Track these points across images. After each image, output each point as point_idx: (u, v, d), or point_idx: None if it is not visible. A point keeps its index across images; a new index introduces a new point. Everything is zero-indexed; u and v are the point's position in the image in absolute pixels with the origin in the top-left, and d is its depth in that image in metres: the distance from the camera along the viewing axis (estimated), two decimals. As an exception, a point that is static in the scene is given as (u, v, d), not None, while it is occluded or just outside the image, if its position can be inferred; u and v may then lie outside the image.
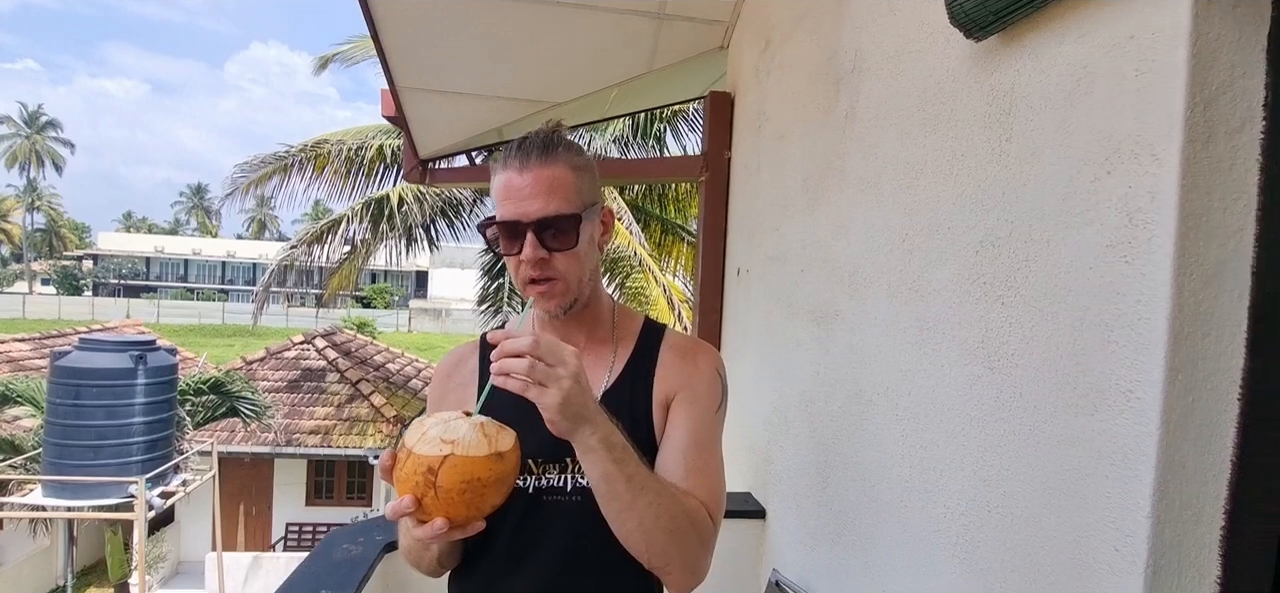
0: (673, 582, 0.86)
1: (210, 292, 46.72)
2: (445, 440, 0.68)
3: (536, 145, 0.88)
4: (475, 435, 0.69)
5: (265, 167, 8.76)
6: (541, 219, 0.85)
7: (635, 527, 0.79)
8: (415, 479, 0.68)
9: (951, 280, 1.05)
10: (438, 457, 0.68)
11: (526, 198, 0.85)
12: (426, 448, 0.68)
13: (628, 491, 0.78)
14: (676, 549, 0.81)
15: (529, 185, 0.85)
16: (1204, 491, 0.70)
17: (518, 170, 0.86)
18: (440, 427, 0.70)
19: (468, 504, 0.69)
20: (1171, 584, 0.70)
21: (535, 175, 0.86)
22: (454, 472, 0.67)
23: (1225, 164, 0.67)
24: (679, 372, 0.93)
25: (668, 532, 0.80)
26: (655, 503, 0.79)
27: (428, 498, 0.68)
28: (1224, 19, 0.66)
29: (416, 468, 0.68)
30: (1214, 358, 0.69)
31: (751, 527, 2.00)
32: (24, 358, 10.91)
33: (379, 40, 2.53)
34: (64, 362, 5.92)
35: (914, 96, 1.17)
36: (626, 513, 0.79)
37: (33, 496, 6.06)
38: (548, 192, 0.86)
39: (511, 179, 0.86)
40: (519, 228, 0.85)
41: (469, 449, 0.68)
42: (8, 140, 51.38)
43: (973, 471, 0.99)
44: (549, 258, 0.86)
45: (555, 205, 0.85)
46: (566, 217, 0.86)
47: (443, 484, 0.67)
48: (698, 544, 0.84)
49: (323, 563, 1.41)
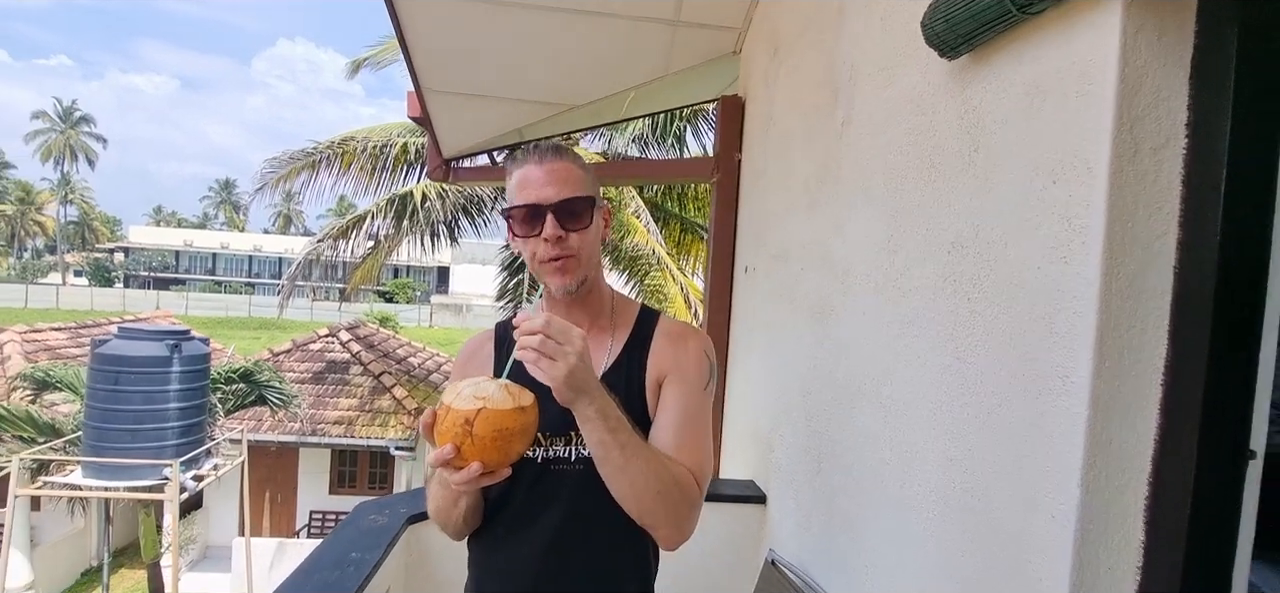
0: (661, 537, 0.99)
1: (237, 285, 47.78)
2: (478, 397, 0.82)
3: (550, 148, 1.04)
4: (502, 393, 0.83)
5: (294, 163, 9.03)
6: (560, 201, 0.98)
7: (627, 487, 0.92)
8: (455, 430, 0.81)
9: (928, 279, 1.15)
10: (473, 410, 0.81)
11: (545, 184, 0.99)
12: (462, 404, 0.82)
13: (620, 456, 0.90)
14: (663, 509, 0.94)
15: (547, 175, 0.99)
16: (1130, 465, 0.79)
17: (537, 164, 1.01)
18: (472, 387, 0.84)
19: (498, 450, 0.82)
20: (1098, 547, 0.80)
21: (551, 168, 1.00)
22: (486, 422, 0.81)
23: (1150, 176, 0.76)
24: (670, 354, 1.05)
25: (655, 493, 0.92)
26: (645, 468, 0.91)
27: (465, 445, 0.81)
28: (1150, 48, 0.75)
29: (455, 421, 0.81)
30: (1139, 348, 0.78)
31: (753, 512, 2.10)
32: (61, 346, 11.36)
33: (406, 47, 2.67)
34: (104, 349, 6.21)
35: (900, 107, 1.27)
36: (619, 475, 0.91)
37: (72, 477, 6.36)
38: (563, 180, 1.00)
39: (531, 171, 1.00)
40: (540, 210, 0.98)
41: (498, 404, 0.82)
42: (43, 135, 53.03)
43: (942, 452, 1.09)
44: (566, 236, 0.99)
45: (571, 189, 1.00)
46: (582, 198, 1.00)
47: (477, 433, 0.81)
48: (683, 505, 0.96)
49: (352, 531, 1.54)
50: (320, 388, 10.25)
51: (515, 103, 3.33)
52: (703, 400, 1.04)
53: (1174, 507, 0.78)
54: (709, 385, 1.06)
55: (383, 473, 10.86)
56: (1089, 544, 0.80)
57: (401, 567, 1.63)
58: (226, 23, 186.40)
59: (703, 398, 1.04)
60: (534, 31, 2.65)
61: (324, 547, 1.49)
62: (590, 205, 1.01)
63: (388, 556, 1.46)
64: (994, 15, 0.86)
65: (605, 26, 2.60)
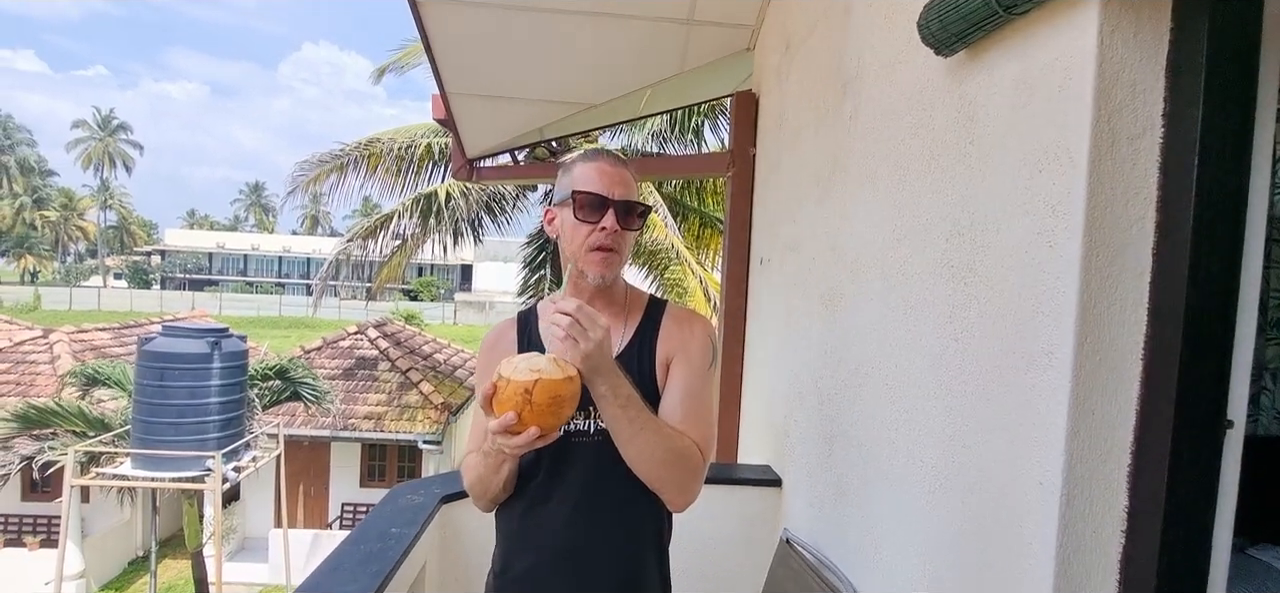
0: (669, 500, 1.11)
1: (267, 285, 49.01)
2: (532, 370, 0.92)
3: (611, 155, 1.16)
4: (553, 366, 0.93)
5: (323, 165, 9.28)
6: (626, 201, 1.11)
7: (637, 456, 1.05)
8: (515, 399, 0.91)
9: (929, 265, 1.20)
10: (531, 380, 0.91)
11: (614, 184, 1.11)
12: (520, 376, 0.92)
13: (629, 428, 1.03)
14: (669, 475, 1.07)
15: (617, 175, 1.12)
16: (1112, 434, 0.85)
17: (610, 164, 1.13)
18: (526, 361, 0.94)
19: (553, 414, 0.93)
20: (1084, 510, 0.85)
21: (620, 172, 1.13)
22: (544, 390, 0.91)
23: (1127, 165, 0.82)
24: (677, 337, 1.16)
25: (661, 462, 1.05)
26: (651, 440, 1.04)
27: (525, 412, 0.91)
28: (1126, 45, 0.81)
29: (515, 391, 0.91)
30: (1118, 325, 0.83)
31: (769, 494, 2.17)
32: (105, 345, 11.85)
33: (432, 52, 2.77)
34: (151, 346, 6.50)
35: (903, 102, 1.32)
36: (629, 445, 1.04)
37: (121, 468, 6.68)
38: (628, 186, 1.13)
39: (604, 167, 1.12)
40: (605, 203, 1.09)
41: (552, 374, 0.92)
42: (84, 143, 54.93)
43: (941, 428, 1.15)
44: (621, 232, 1.11)
45: (633, 195, 1.13)
46: (643, 206, 1.15)
47: (536, 400, 0.91)
48: (687, 474, 1.08)
49: (391, 509, 1.65)
50: (350, 384, 10.53)
51: (536, 103, 3.43)
52: (705, 379, 1.15)
53: (1155, 474, 0.83)
54: (712, 366, 1.17)
55: (411, 467, 11.12)
56: (1075, 510, 0.86)
57: (436, 541, 1.74)
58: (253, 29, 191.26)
59: (706, 377, 1.15)
60: (553, 34, 2.74)
61: (366, 523, 1.60)
62: (646, 214, 1.16)
63: (424, 530, 1.57)
64: (982, 15, 0.92)
65: (622, 27, 2.68)
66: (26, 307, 31.32)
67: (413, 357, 11.60)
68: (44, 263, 51.89)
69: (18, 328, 13.18)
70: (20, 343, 11.34)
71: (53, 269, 52.62)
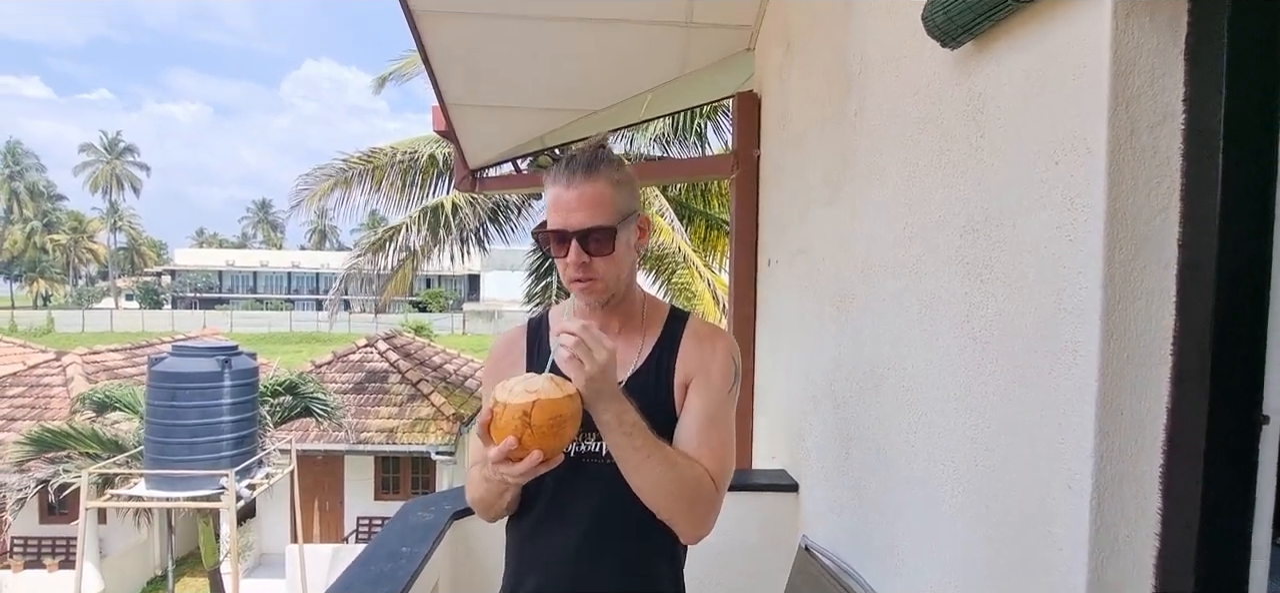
0: (680, 532, 1.06)
1: (277, 302, 49.35)
2: (530, 391, 0.88)
3: (581, 164, 1.02)
4: (551, 385, 0.90)
5: (327, 179, 9.32)
6: (583, 230, 1.00)
7: (643, 485, 1.00)
8: (513, 423, 0.87)
9: (943, 263, 1.17)
10: (529, 402, 0.87)
11: (571, 210, 1.01)
12: (517, 398, 0.88)
13: (634, 457, 0.98)
14: (678, 508, 1.01)
15: (574, 199, 1.01)
16: (1142, 434, 0.82)
17: (565, 186, 1.01)
18: (522, 383, 0.90)
19: (555, 436, 0.88)
20: (1115, 514, 0.82)
21: (579, 192, 1.01)
22: (543, 411, 0.87)
23: (1148, 153, 0.79)
24: (697, 357, 1.09)
25: (669, 494, 1.00)
26: (657, 470, 0.98)
27: (525, 436, 0.87)
28: (1143, 29, 0.78)
29: (513, 415, 0.87)
30: (1145, 319, 0.80)
31: (786, 500, 2.14)
32: (118, 367, 11.95)
33: (429, 63, 2.77)
34: (161, 367, 6.55)
35: (910, 97, 1.30)
36: (635, 475, 0.99)
37: (136, 489, 6.72)
38: (590, 205, 1.01)
39: (560, 194, 1.02)
40: (565, 235, 1.01)
41: (550, 394, 0.88)
42: (91, 166, 55.66)
43: (962, 429, 1.12)
44: (590, 262, 1.02)
45: (596, 218, 1.01)
46: (605, 228, 1.02)
47: (535, 422, 0.87)
48: (698, 506, 1.02)
49: (401, 527, 1.64)
50: (361, 398, 10.57)
51: (537, 111, 3.42)
52: (726, 402, 1.09)
53: (1188, 473, 0.80)
54: (733, 388, 1.10)
55: (425, 478, 11.14)
56: (1106, 512, 0.82)
57: (448, 558, 1.72)
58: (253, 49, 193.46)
59: (726, 400, 1.09)
60: (551, 41, 2.73)
61: (377, 542, 1.58)
62: (613, 234, 1.01)
63: (436, 548, 1.55)
64: (990, 4, 0.89)
65: (620, 32, 2.66)
66: (40, 330, 31.71)
67: (423, 368, 11.63)
68: (56, 286, 52.53)
69: (31, 351, 13.33)
70: (34, 366, 11.47)
71: (65, 292, 53.26)
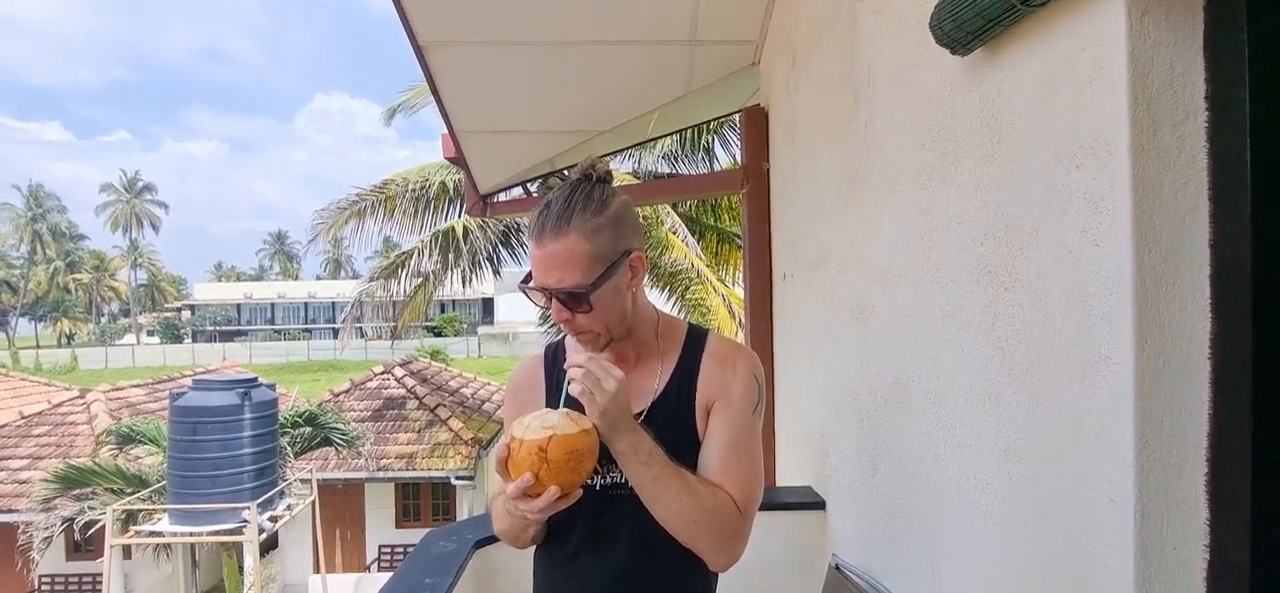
0: (707, 560, 1.03)
1: (295, 332, 49.94)
2: (546, 427, 0.88)
3: (552, 218, 0.96)
4: (566, 420, 0.89)
5: (342, 211, 9.46)
6: (557, 290, 0.96)
7: (664, 515, 0.98)
8: (530, 459, 0.87)
9: (964, 271, 1.15)
10: (545, 438, 0.87)
11: (545, 270, 0.96)
12: (533, 434, 0.88)
13: (652, 488, 0.96)
14: (701, 537, 0.99)
15: (545, 259, 0.96)
16: (1184, 442, 0.79)
17: (536, 244, 0.97)
18: (538, 419, 0.90)
19: (572, 471, 0.88)
20: (1161, 526, 0.79)
21: (549, 251, 0.95)
22: (559, 447, 0.87)
23: (1173, 153, 0.77)
24: (718, 379, 1.06)
25: (691, 523, 0.97)
26: (678, 499, 0.96)
27: (542, 472, 0.87)
28: (1159, 27, 0.76)
29: (529, 451, 0.87)
30: (1179, 325, 0.78)
31: (813, 518, 2.10)
32: (140, 402, 12.12)
33: (438, 93, 2.80)
34: (182, 401, 6.63)
35: (920, 106, 1.28)
36: (655, 504, 0.98)
37: (159, 524, 6.78)
38: (562, 265, 0.95)
39: (533, 251, 0.98)
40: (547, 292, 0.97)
41: (566, 429, 0.88)
42: (112, 206, 56.99)
43: (994, 442, 1.09)
44: (572, 318, 0.98)
45: (568, 279, 0.95)
46: (577, 290, 0.96)
47: (552, 458, 0.86)
48: (722, 535, 1.00)
49: (423, 558, 1.62)
50: (380, 424, 10.62)
51: (545, 135, 3.45)
52: (750, 425, 1.06)
53: (1236, 482, 0.77)
54: (757, 409, 1.07)
55: (445, 503, 11.13)
56: (1151, 526, 0.79)
57: (471, 588, 1.70)
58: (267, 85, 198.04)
59: (750, 422, 1.06)
60: (557, 65, 2.75)
61: (398, 575, 1.57)
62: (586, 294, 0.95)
63: (459, 579, 1.54)
64: (999, 10, 0.88)
65: (625, 53, 2.68)
66: (65, 368, 32.34)
67: (440, 393, 11.67)
68: (79, 325, 53.62)
69: (56, 390, 13.58)
70: (58, 405, 11.67)
71: (88, 330, 54.32)
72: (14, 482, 9.45)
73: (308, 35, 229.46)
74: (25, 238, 52.67)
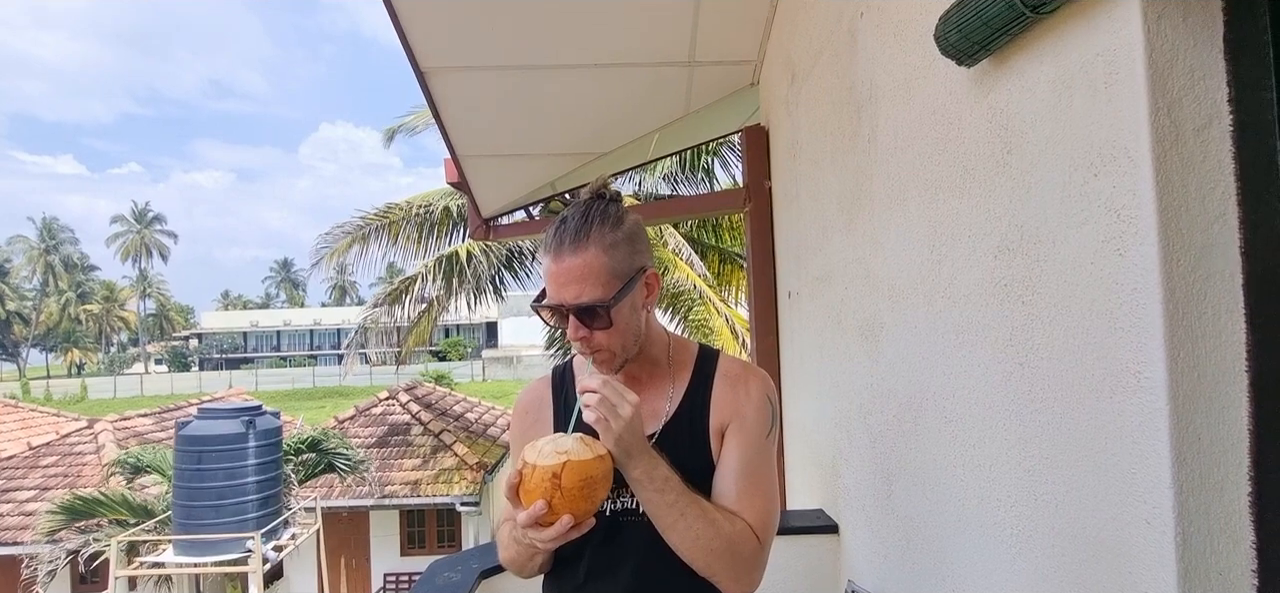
0: (723, 588, 0.99)
1: (300, 359, 50.02)
2: (559, 452, 0.84)
3: (570, 233, 0.95)
4: (580, 445, 0.86)
5: (345, 236, 9.50)
6: (576, 306, 0.94)
7: (679, 542, 0.94)
8: (543, 486, 0.83)
9: (977, 285, 1.12)
10: (558, 464, 0.83)
11: (562, 285, 0.94)
12: (546, 460, 0.84)
13: (667, 515, 0.92)
14: (719, 564, 0.95)
15: (564, 273, 0.94)
16: (1224, 459, 0.74)
17: (554, 259, 0.95)
18: (551, 444, 0.86)
19: (586, 498, 0.84)
20: (1204, 549, 0.74)
21: (568, 265, 0.93)
22: (573, 473, 0.83)
23: (1197, 158, 0.73)
24: (731, 401, 1.03)
25: (707, 551, 0.93)
26: (692, 526, 0.93)
27: (555, 499, 0.83)
28: (1176, 29, 0.74)
29: (542, 478, 0.83)
30: (1214, 335, 0.74)
31: (826, 542, 2.04)
32: (147, 431, 12.10)
33: (440, 118, 2.80)
34: (187, 431, 6.60)
35: (925, 119, 1.26)
36: (670, 532, 0.94)
37: (163, 555, 6.71)
38: (581, 279, 0.93)
39: (550, 267, 0.96)
40: (562, 309, 0.95)
41: (580, 455, 0.84)
42: (123, 237, 57.61)
43: (1016, 462, 1.04)
44: (590, 335, 0.95)
45: (588, 294, 0.93)
46: (597, 305, 0.94)
47: (566, 485, 0.83)
48: (740, 561, 0.96)
49: (428, 588, 1.58)
50: (385, 451, 10.55)
51: (546, 157, 3.44)
52: (765, 449, 1.03)
53: None
54: (772, 432, 1.04)
55: (450, 530, 11.01)
56: (1193, 549, 0.75)
57: (475, 624, 1.65)
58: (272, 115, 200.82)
59: (765, 446, 1.03)
60: (557, 89, 2.75)
61: (400, 610, 1.52)
62: (607, 309, 0.93)
63: (461, 614, 1.49)
64: (1006, 19, 0.86)
65: (625, 76, 2.68)
66: (74, 398, 32.44)
67: (445, 418, 11.61)
68: (89, 355, 53.85)
69: (65, 420, 13.59)
70: (67, 435, 11.65)
71: (97, 360, 54.54)
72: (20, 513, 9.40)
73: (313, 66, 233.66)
74: (38, 269, 53.22)
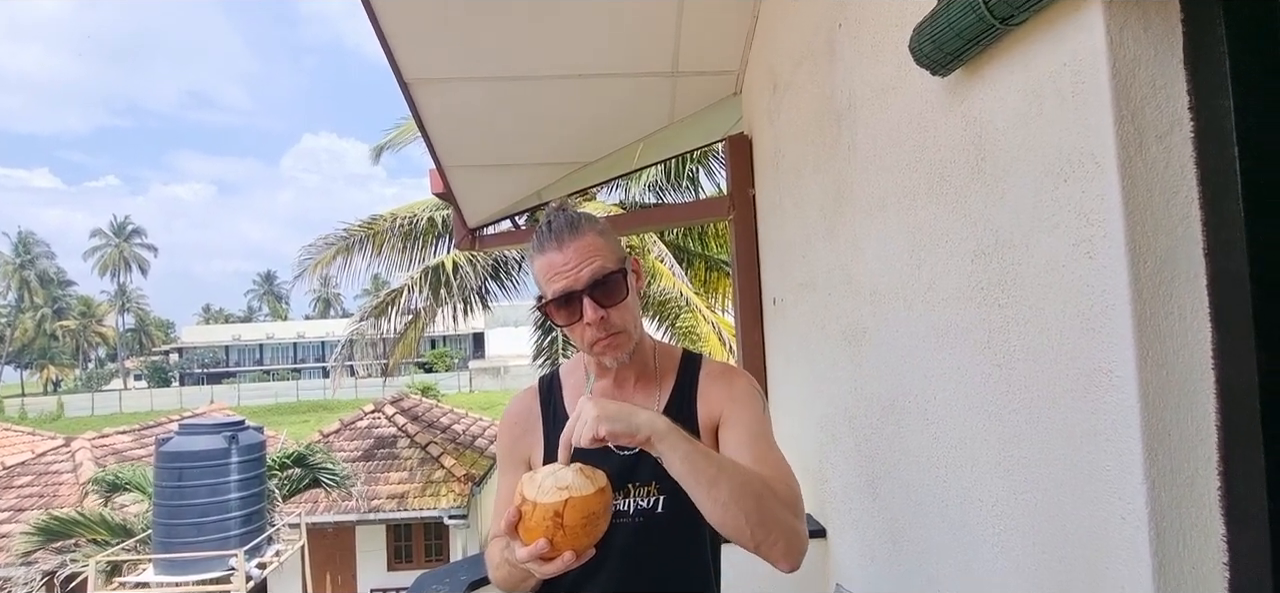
0: (779, 553, 0.88)
1: (284, 372, 49.33)
2: (560, 489, 0.81)
3: (565, 224, 0.99)
4: (581, 479, 0.83)
5: (329, 248, 9.40)
6: (593, 282, 0.96)
7: (728, 499, 0.83)
8: (545, 524, 0.80)
9: (955, 289, 1.14)
10: (561, 501, 0.80)
11: (574, 268, 0.96)
12: (547, 497, 0.81)
13: (709, 465, 0.84)
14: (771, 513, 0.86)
15: (572, 257, 0.96)
16: (1193, 455, 0.77)
17: (558, 249, 0.97)
18: (551, 479, 0.83)
19: (588, 535, 0.82)
20: (1177, 543, 0.77)
21: (574, 248, 0.97)
22: (576, 511, 0.80)
23: (1160, 163, 0.76)
24: (718, 393, 1.05)
25: (755, 495, 0.85)
26: (736, 472, 0.87)
27: (557, 537, 0.80)
28: (1138, 40, 0.76)
29: (544, 515, 0.81)
30: (1180, 334, 0.76)
31: (814, 546, 2.02)
32: (126, 449, 11.84)
33: (425, 130, 2.80)
34: (168, 447, 6.47)
35: (902, 127, 1.28)
36: (715, 488, 0.83)
37: (145, 575, 6.56)
38: (589, 255, 0.97)
39: (554, 258, 0.97)
40: (575, 296, 0.96)
41: (582, 490, 0.82)
42: (101, 250, 56.55)
43: (996, 462, 1.06)
44: (607, 315, 0.97)
45: (600, 265, 0.97)
46: (614, 272, 0.98)
47: (568, 523, 0.80)
48: (787, 509, 0.90)
49: (413, 605, 1.56)
50: (371, 464, 10.41)
51: (531, 167, 3.45)
52: (765, 420, 1.04)
53: (1251, 494, 0.75)
54: (765, 408, 1.07)
55: (438, 544, 10.88)
56: (1167, 543, 0.77)
57: (462, 637, 1.64)
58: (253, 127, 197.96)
59: (764, 419, 1.04)
60: (542, 99, 2.77)
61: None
62: (624, 275, 0.98)
63: (448, 627, 1.48)
64: (977, 30, 0.88)
65: (608, 87, 2.70)
66: (50, 416, 31.65)
67: (432, 430, 11.49)
68: (65, 371, 52.68)
69: (40, 439, 13.25)
70: (43, 454, 11.37)
71: (74, 377, 53.38)
72: (-7, 536, 9.16)
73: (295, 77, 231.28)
74: (13, 285, 52.05)
